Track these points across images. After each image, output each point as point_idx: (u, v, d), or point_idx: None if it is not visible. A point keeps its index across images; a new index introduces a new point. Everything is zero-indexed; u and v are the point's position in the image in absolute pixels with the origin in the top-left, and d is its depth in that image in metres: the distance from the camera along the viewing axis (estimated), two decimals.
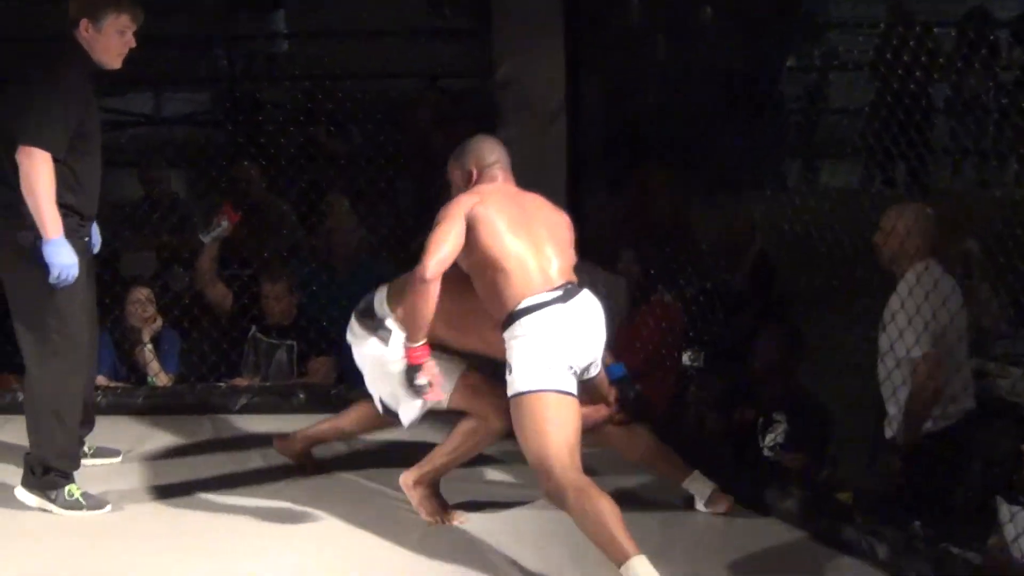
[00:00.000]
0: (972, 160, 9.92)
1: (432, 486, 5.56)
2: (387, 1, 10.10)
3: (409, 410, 5.30)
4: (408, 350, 5.03)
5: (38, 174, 5.27)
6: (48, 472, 5.57)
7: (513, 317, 4.90)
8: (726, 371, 6.52)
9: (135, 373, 7.38)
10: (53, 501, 5.57)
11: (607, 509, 4.68)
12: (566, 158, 6.73)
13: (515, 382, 4.86)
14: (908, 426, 5.86)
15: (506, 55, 6.61)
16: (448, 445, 5.48)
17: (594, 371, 5.08)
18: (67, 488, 5.58)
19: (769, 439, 6.10)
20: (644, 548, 4.64)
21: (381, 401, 5.43)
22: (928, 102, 9.31)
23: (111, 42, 5.46)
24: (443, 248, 4.89)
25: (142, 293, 7.42)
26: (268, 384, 7.20)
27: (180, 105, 11.81)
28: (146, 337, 7.38)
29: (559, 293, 4.93)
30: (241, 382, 7.22)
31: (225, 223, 7.22)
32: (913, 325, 5.76)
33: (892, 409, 6.00)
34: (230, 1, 11.22)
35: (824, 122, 10.14)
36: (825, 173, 9.64)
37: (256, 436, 6.55)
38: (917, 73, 8.61)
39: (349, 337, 5.42)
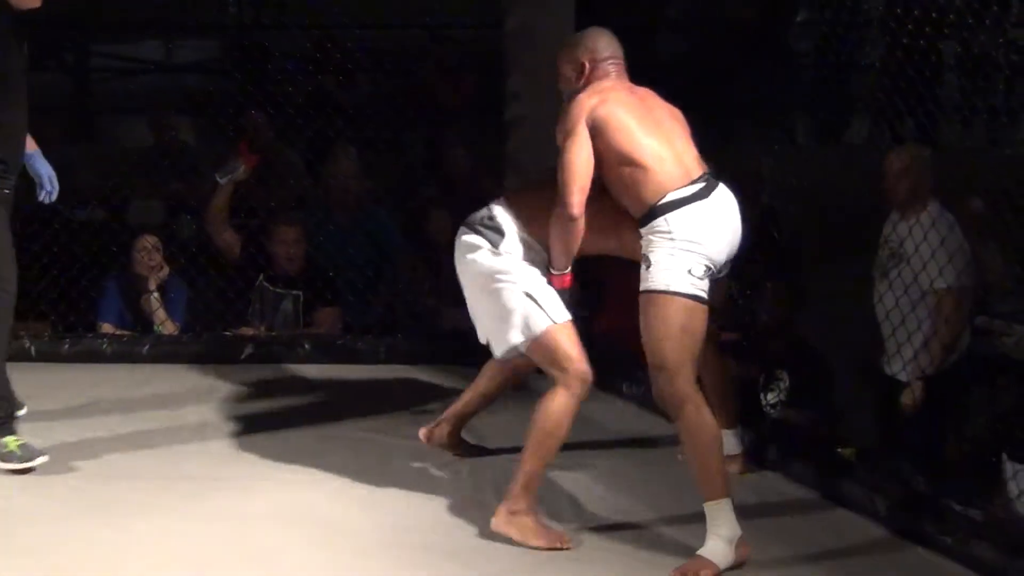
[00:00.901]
0: (982, 118, 9.87)
1: (454, 423, 5.54)
2: None
3: (502, 340, 4.99)
4: (553, 277, 4.88)
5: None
6: None
7: (655, 212, 4.67)
8: (730, 327, 6.50)
9: (141, 322, 7.38)
10: None
11: (718, 436, 4.67)
12: None
13: (653, 278, 4.65)
14: (933, 358, 6.00)
15: (515, 4, 6.57)
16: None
17: (726, 269, 4.87)
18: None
19: (772, 396, 6.11)
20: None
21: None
22: (938, 58, 9.27)
23: None
24: (579, 175, 4.67)
25: (149, 241, 7.41)
26: (274, 334, 7.21)
27: (190, 53, 11.78)
28: (152, 285, 7.38)
29: (701, 186, 4.73)
30: (247, 331, 7.24)
31: (242, 165, 7.21)
32: (937, 258, 5.78)
33: (894, 346, 6.02)
34: None
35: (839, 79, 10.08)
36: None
37: (261, 384, 6.58)
38: (926, 29, 8.61)
39: (458, 254, 5.06)
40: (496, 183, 7.08)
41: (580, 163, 4.67)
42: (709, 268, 4.67)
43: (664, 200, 4.67)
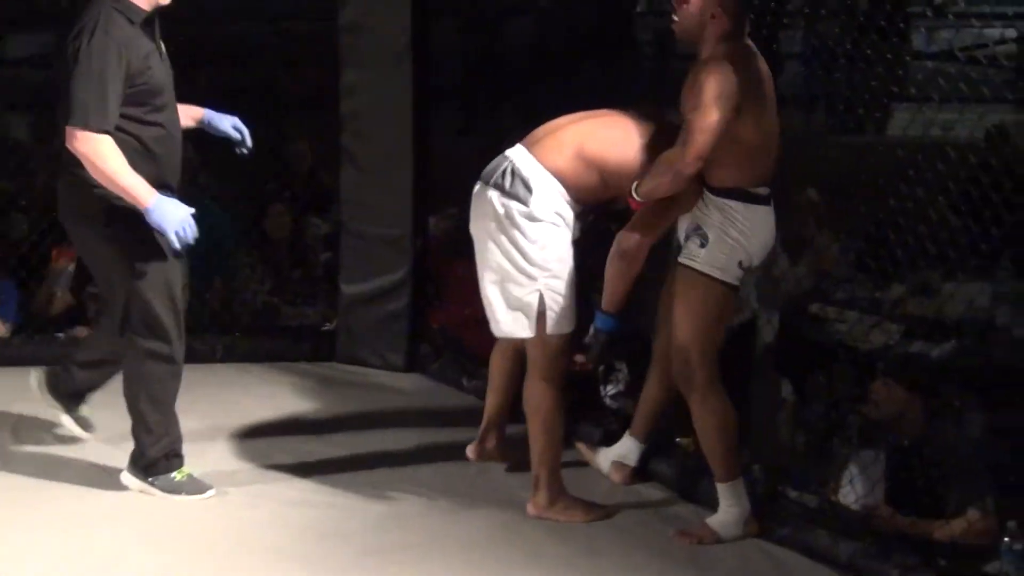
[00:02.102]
0: (822, 107, 9.97)
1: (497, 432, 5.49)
2: None
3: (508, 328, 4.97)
4: (632, 200, 4.81)
5: (98, 155, 4.77)
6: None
7: (739, 195, 4.78)
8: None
9: None
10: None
11: (733, 419, 4.86)
12: (412, 101, 6.62)
13: (707, 259, 4.79)
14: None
15: None
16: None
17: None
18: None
19: (611, 388, 6.10)
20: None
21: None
22: (777, 48, 9.36)
23: None
24: (708, 144, 4.62)
25: None
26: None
27: (24, 46, 11.50)
28: None
29: (770, 190, 4.86)
30: (82, 333, 7.06)
31: (66, 267, 7.06)
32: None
33: None
34: None
35: (673, 69, 10.12)
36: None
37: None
38: (767, 19, 8.67)
39: (477, 213, 4.94)
40: (333, 177, 7.02)
41: (713, 131, 4.61)
42: (749, 264, 4.85)
43: (752, 189, 4.78)
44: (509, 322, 4.93)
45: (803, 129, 9.92)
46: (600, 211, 5.08)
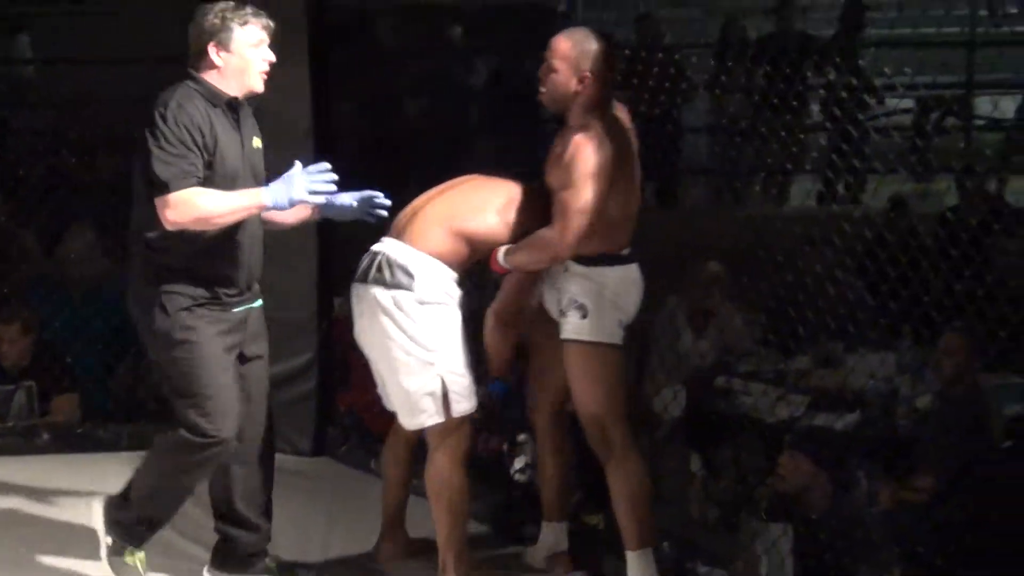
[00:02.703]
0: (726, 179, 10.08)
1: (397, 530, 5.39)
2: (136, 26, 9.91)
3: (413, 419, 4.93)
4: (496, 263, 4.83)
5: (195, 208, 4.57)
6: None
7: (607, 260, 4.83)
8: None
9: None
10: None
11: (649, 486, 4.91)
12: None
13: (592, 329, 4.81)
14: None
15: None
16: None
17: None
18: None
19: (518, 462, 6.09)
20: None
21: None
22: (678, 122, 9.47)
23: (248, 60, 4.75)
24: (586, 225, 4.64)
25: None
26: (9, 424, 6.94)
27: None
28: None
29: (632, 249, 4.93)
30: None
31: None
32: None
33: None
34: None
35: None
36: None
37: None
38: (664, 94, 8.77)
39: (362, 312, 4.90)
40: None
41: (590, 210, 4.63)
42: (626, 325, 4.90)
43: (613, 254, 4.83)
44: (418, 413, 4.90)
45: (705, 201, 10.08)
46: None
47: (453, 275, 4.87)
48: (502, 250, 4.82)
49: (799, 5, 9.39)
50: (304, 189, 4.59)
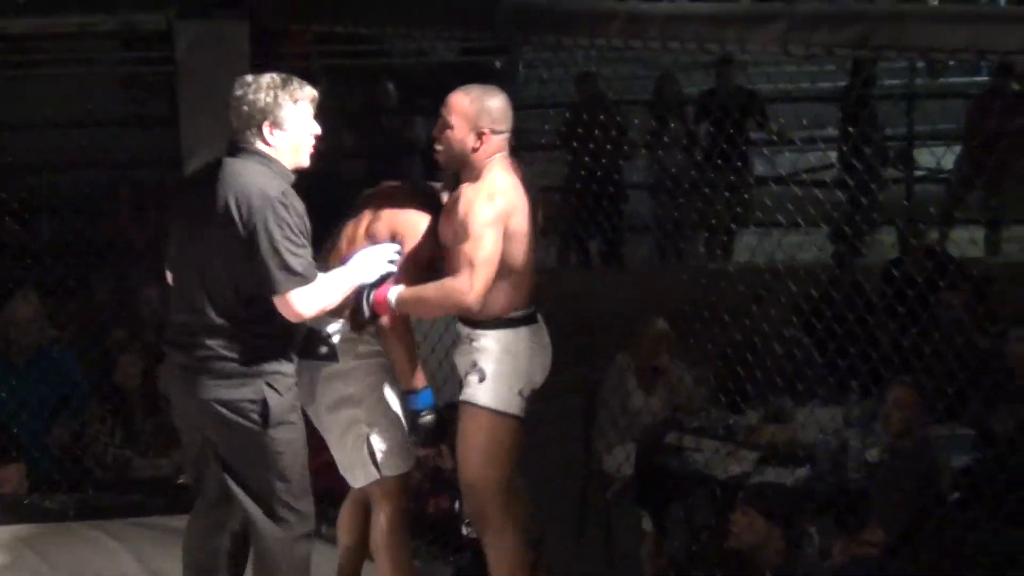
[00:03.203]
0: (669, 235, 10.15)
1: None
2: (77, 90, 9.89)
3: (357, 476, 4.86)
4: (385, 299, 4.58)
5: (324, 296, 4.47)
6: None
7: (507, 323, 4.66)
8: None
9: None
10: None
11: (526, 561, 4.79)
12: None
13: (487, 394, 4.66)
14: None
15: (196, 150, 6.42)
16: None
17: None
18: None
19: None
20: None
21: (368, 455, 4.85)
22: (620, 179, 9.53)
23: (300, 137, 4.56)
24: (491, 276, 4.52)
25: None
26: None
27: None
28: None
29: (533, 309, 4.75)
30: None
31: None
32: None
33: None
34: None
35: None
36: None
37: None
38: (608, 151, 8.85)
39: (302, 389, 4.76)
40: None
41: (493, 259, 4.52)
42: (530, 391, 4.74)
43: (512, 315, 4.67)
44: (357, 475, 4.87)
45: (650, 258, 10.14)
46: None
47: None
48: (393, 292, 4.63)
49: (739, 60, 9.46)
50: (383, 267, 4.61)
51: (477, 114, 4.59)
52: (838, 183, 8.31)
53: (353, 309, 4.67)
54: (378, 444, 4.79)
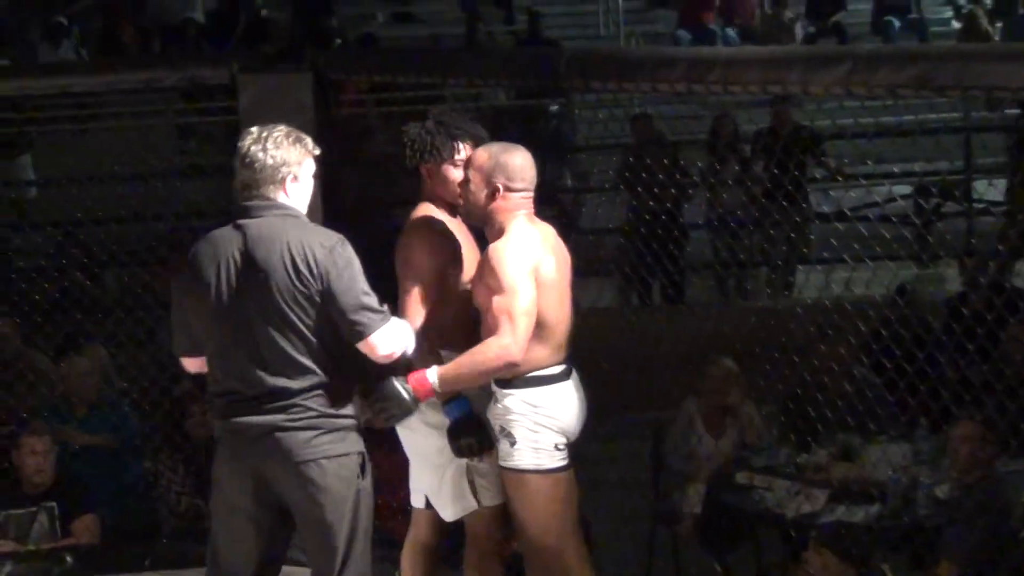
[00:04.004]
0: (732, 273, 10.15)
1: None
2: (135, 143, 10.02)
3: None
4: (425, 381, 4.56)
5: (406, 334, 4.56)
6: None
7: (534, 380, 4.63)
8: None
9: None
10: None
11: None
12: None
13: (522, 457, 4.63)
14: None
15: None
16: None
17: None
18: None
19: None
20: None
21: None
22: (680, 218, 9.54)
23: (310, 188, 4.67)
24: (530, 320, 4.52)
25: None
26: (32, 548, 6.93)
27: None
28: None
29: (566, 365, 4.74)
30: (2, 547, 6.93)
31: None
32: None
33: None
34: None
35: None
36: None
37: None
38: (672, 191, 8.89)
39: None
40: None
41: (530, 308, 4.53)
42: (566, 442, 4.71)
43: (541, 373, 4.65)
44: (455, 507, 4.88)
45: (712, 297, 10.14)
46: None
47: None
48: (434, 373, 4.58)
49: (794, 97, 9.48)
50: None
51: (492, 170, 4.62)
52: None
53: (381, 402, 4.59)
54: (479, 474, 4.81)
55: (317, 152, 4.63)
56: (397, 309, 4.69)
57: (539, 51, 5.57)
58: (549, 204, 9.82)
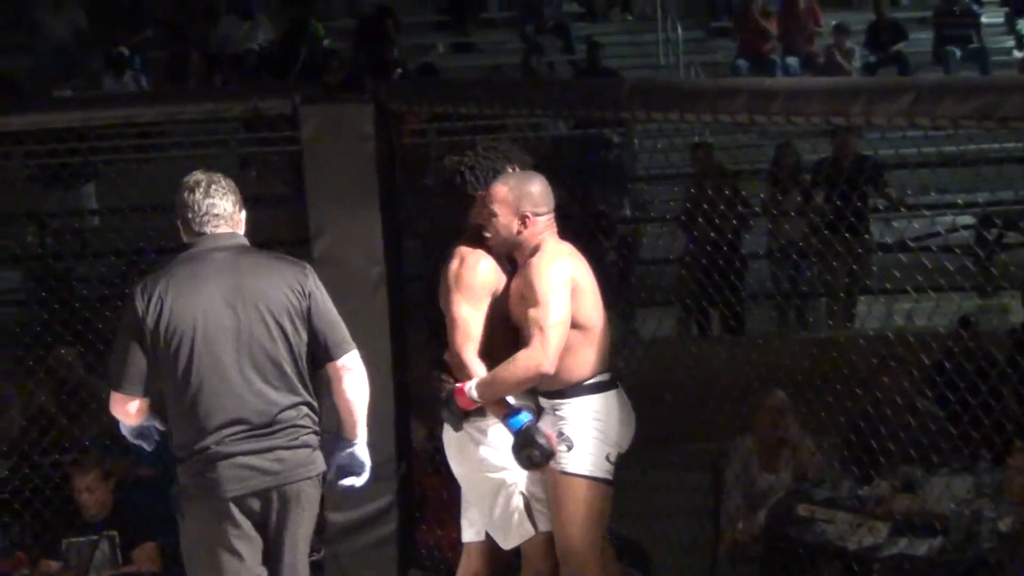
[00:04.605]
0: (792, 303, 10.12)
1: None
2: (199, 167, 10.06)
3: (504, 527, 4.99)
4: (463, 397, 4.80)
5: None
6: None
7: (584, 388, 4.84)
8: None
9: None
10: None
11: None
12: (388, 330, 6.58)
13: (577, 462, 4.80)
14: None
15: (323, 229, 6.52)
16: None
17: None
18: None
19: None
20: None
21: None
22: (736, 249, 9.52)
23: None
24: (563, 338, 4.74)
25: None
26: None
27: None
28: None
29: (612, 374, 4.94)
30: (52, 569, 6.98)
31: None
32: None
33: None
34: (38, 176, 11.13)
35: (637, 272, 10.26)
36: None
37: None
38: (733, 221, 8.87)
39: (452, 452, 5.04)
40: None
41: (564, 319, 4.74)
42: (617, 455, 4.86)
43: (592, 381, 4.83)
44: (510, 536, 4.97)
45: (772, 327, 10.09)
46: None
47: None
48: (472, 385, 4.80)
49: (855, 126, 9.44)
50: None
51: (518, 200, 4.85)
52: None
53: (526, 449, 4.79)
54: (535, 499, 4.91)
55: None
56: (447, 334, 4.85)
57: (601, 82, 5.54)
58: (608, 234, 9.85)
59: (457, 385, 4.82)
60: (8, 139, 9.79)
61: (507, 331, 4.89)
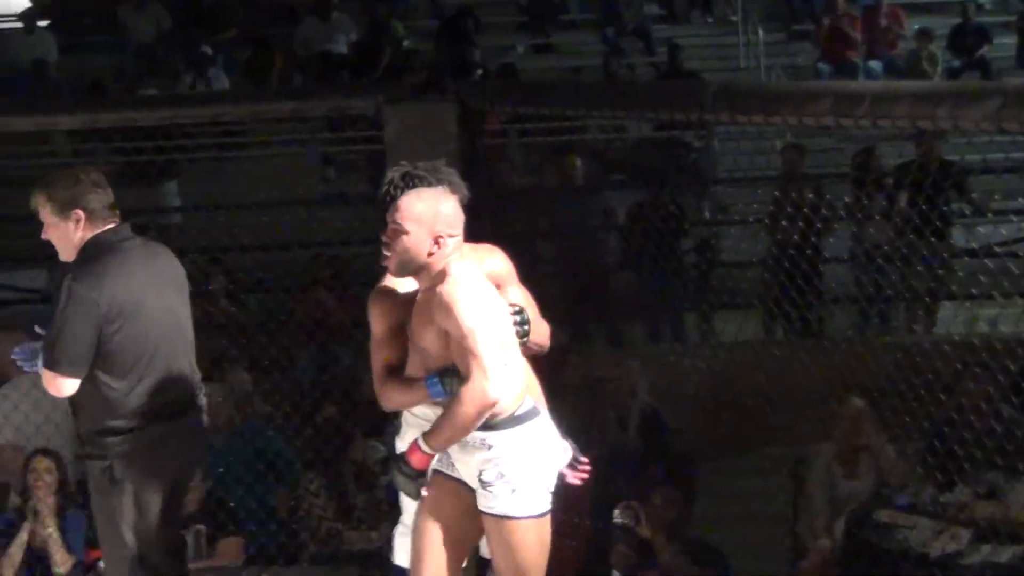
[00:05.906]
0: (875, 307, 10.04)
1: None
2: (279, 170, 10.17)
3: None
4: (419, 454, 4.42)
5: None
6: None
7: (513, 420, 4.42)
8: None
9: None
10: None
11: None
12: None
13: (522, 506, 4.43)
14: None
15: None
16: None
17: None
18: None
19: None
20: None
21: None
22: (818, 253, 9.46)
23: None
24: (499, 352, 4.32)
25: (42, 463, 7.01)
26: None
27: None
28: (49, 522, 7.08)
29: (533, 402, 4.54)
30: None
31: None
32: None
33: None
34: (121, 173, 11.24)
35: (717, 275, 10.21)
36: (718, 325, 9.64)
37: None
38: (817, 224, 8.82)
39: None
40: None
41: (501, 339, 4.39)
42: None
43: (523, 409, 4.47)
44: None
45: (852, 332, 10.02)
46: None
47: None
48: (421, 441, 4.42)
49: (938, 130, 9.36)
50: None
51: (433, 219, 4.39)
52: None
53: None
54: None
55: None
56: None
57: (684, 84, 5.53)
58: (685, 236, 9.85)
59: (410, 453, 4.45)
60: (96, 136, 9.95)
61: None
